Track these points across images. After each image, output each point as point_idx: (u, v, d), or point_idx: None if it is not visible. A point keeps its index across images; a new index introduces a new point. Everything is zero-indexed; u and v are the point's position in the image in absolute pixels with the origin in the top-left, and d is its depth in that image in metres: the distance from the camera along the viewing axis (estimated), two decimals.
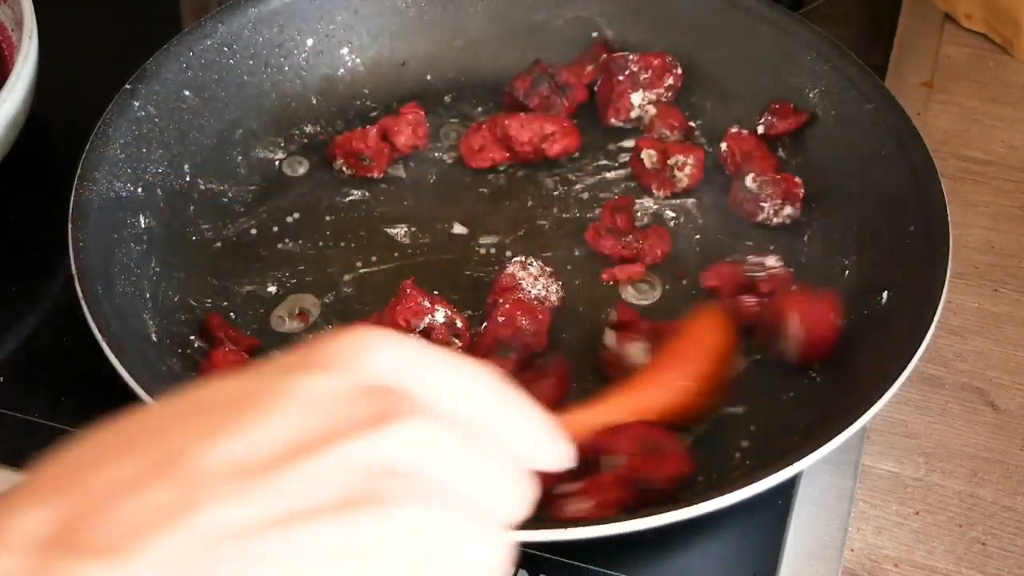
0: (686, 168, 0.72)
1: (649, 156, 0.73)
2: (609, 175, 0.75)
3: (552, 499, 0.53)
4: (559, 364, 0.62)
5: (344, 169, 0.74)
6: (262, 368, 0.32)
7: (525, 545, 0.56)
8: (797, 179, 0.71)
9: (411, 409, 0.30)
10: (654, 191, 0.73)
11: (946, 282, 0.59)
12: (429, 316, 0.63)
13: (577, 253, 0.70)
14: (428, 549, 0.29)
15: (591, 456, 0.54)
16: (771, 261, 0.66)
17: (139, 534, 0.26)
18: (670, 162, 0.72)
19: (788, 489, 0.59)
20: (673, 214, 0.73)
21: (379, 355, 0.31)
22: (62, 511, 0.27)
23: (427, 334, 0.62)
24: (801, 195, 0.71)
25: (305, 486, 0.27)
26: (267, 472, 0.27)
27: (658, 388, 0.58)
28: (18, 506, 0.27)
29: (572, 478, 0.54)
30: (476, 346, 0.63)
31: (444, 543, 0.29)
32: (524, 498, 0.32)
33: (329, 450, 0.28)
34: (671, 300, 0.68)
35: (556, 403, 0.59)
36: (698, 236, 0.71)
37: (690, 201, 0.73)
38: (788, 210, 0.70)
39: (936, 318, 0.57)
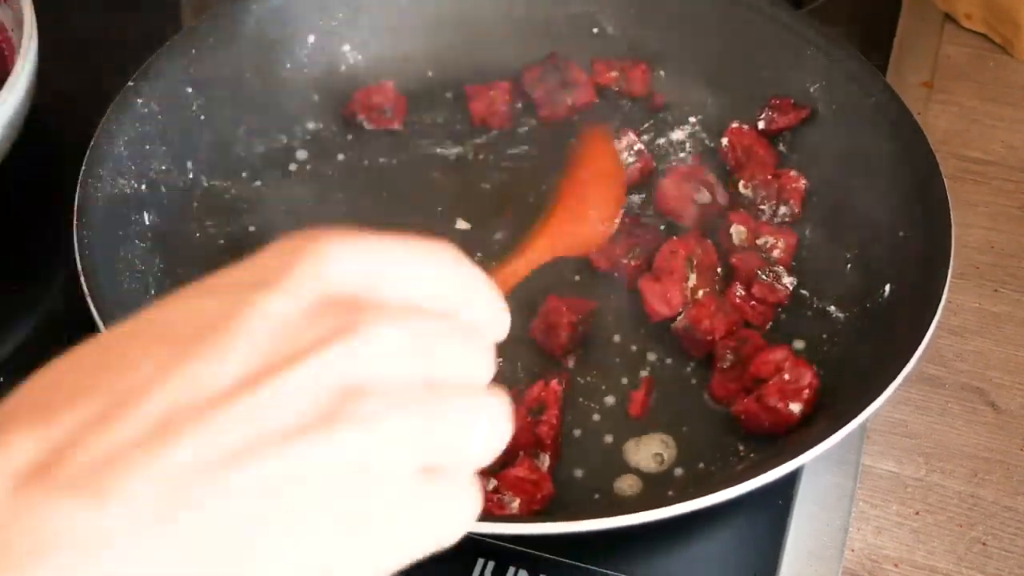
0: (774, 252, 0.68)
1: (739, 232, 0.69)
2: None
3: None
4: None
5: (366, 124, 0.76)
6: (214, 286, 0.31)
7: (524, 544, 0.56)
8: (793, 173, 0.71)
9: (374, 318, 0.29)
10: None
11: (947, 280, 0.59)
12: None
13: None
14: (415, 457, 0.28)
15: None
16: (787, 279, 0.66)
17: (112, 471, 0.25)
18: (759, 242, 0.68)
19: (788, 489, 0.59)
20: None
21: (336, 266, 0.31)
22: (36, 447, 0.26)
23: None
24: (801, 190, 0.70)
25: (271, 410, 0.27)
26: (231, 400, 0.27)
27: (569, 223, 0.56)
28: None
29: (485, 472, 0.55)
30: None
31: (429, 450, 0.29)
32: (491, 370, 0.31)
33: (292, 371, 0.27)
34: None
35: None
36: None
37: None
38: (783, 209, 0.70)
39: (936, 317, 0.57)
